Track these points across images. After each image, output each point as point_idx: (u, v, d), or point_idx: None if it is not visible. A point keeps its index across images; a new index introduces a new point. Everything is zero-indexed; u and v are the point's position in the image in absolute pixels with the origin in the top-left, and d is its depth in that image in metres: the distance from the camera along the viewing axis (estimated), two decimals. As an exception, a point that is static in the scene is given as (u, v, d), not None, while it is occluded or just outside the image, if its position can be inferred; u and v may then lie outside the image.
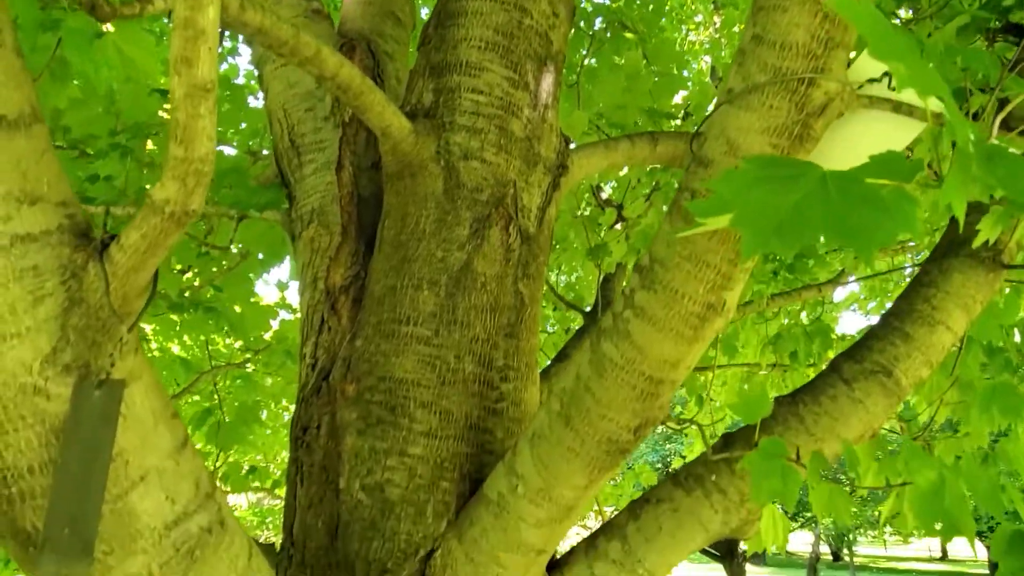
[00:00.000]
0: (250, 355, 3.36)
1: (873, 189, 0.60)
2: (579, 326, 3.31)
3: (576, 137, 2.57)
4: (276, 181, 1.88)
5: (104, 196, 1.90)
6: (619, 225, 2.88)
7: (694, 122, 2.89)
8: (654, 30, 3.26)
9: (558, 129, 1.75)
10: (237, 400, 3.34)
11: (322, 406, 1.46)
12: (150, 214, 0.80)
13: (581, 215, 2.93)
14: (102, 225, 1.13)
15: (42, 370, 0.80)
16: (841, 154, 1.11)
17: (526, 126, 1.63)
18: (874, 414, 1.38)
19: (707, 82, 4.79)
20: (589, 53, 3.07)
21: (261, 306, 3.22)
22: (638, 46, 3.03)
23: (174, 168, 0.78)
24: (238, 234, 1.74)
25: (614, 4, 3.28)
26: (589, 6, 3.31)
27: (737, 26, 4.62)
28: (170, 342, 4.07)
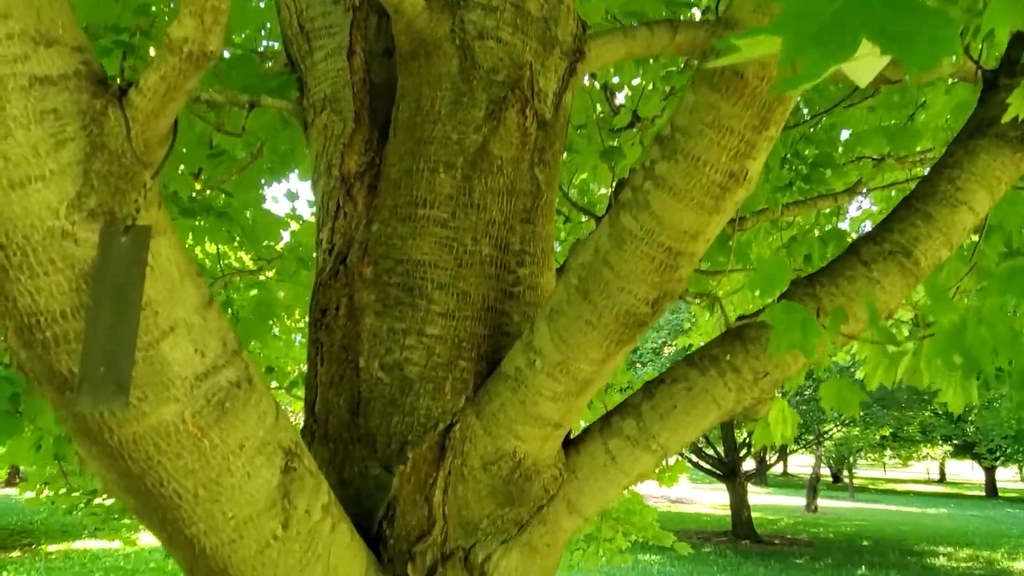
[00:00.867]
0: (264, 263, 3.38)
1: (919, 3, 0.58)
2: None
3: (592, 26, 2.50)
4: (286, 71, 1.84)
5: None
6: (634, 128, 2.83)
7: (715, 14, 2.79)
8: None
9: (575, 12, 1.69)
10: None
11: (340, 288, 1.47)
12: (168, 54, 0.78)
13: (596, 117, 2.87)
14: (119, 73, 1.12)
15: (68, 214, 0.81)
16: None
17: (543, 6, 1.58)
18: (891, 294, 1.39)
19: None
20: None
21: (272, 215, 3.22)
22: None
23: (190, 4, 0.76)
24: (249, 122, 1.71)
25: None
26: None
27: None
28: (183, 253, 4.08)
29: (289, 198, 3.96)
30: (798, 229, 3.14)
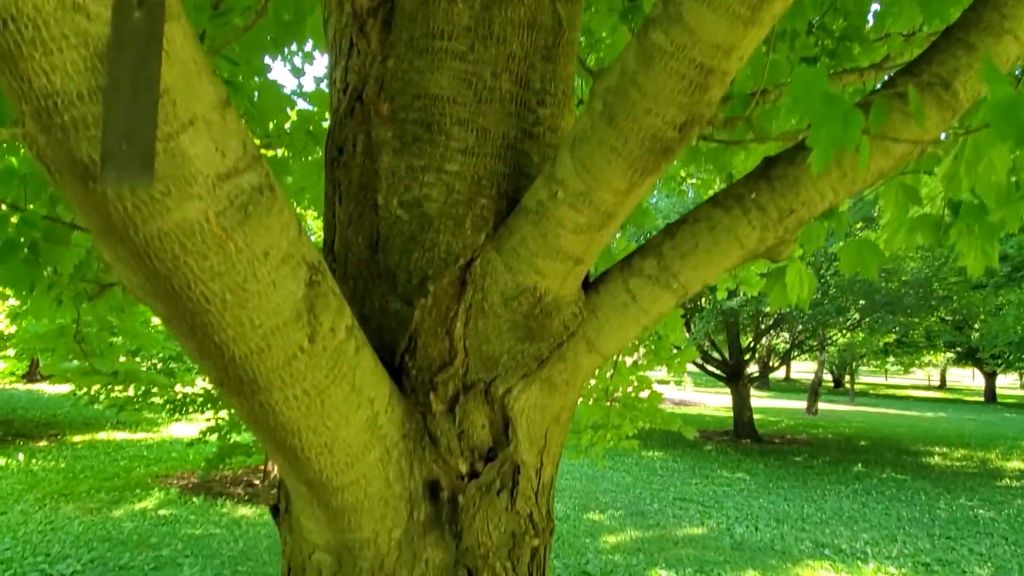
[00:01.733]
0: (271, 139, 3.32)
1: None
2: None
3: None
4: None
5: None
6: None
7: None
8: None
9: None
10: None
11: (356, 126, 1.44)
12: None
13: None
14: None
15: (79, -17, 0.77)
16: None
17: None
18: (927, 128, 1.34)
19: None
20: None
21: (278, 88, 3.13)
22: None
23: None
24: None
25: None
26: None
27: None
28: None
29: (295, 74, 3.82)
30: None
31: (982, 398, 37.85)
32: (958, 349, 32.64)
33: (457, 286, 1.34)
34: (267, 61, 3.17)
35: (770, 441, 17.91)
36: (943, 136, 1.46)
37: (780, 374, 49.18)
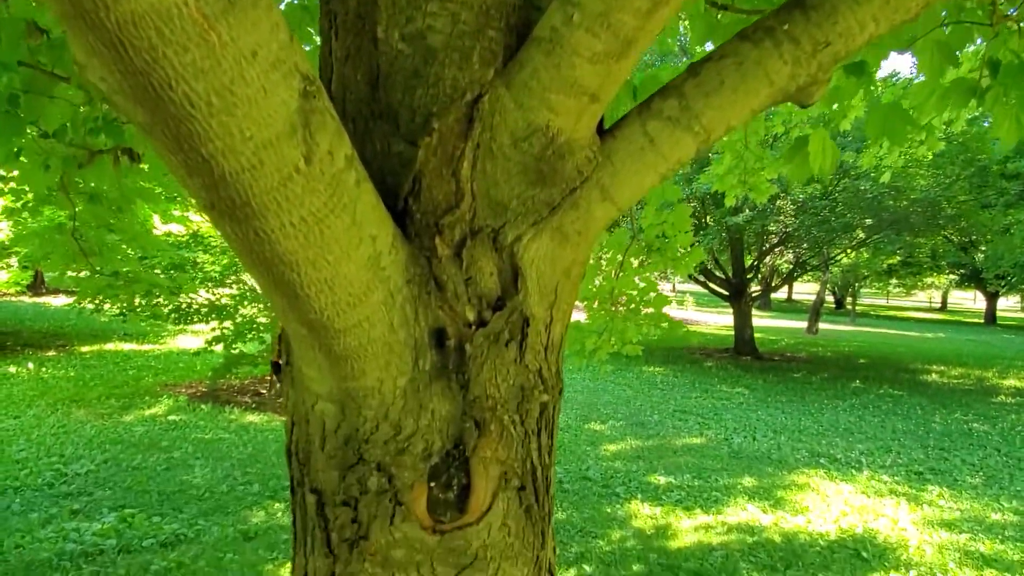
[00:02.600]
0: None
1: None
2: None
3: None
4: None
5: None
6: None
7: None
8: None
9: None
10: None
11: (352, -49, 1.32)
12: None
13: None
14: None
15: None
16: None
17: None
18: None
19: None
20: None
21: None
22: None
23: None
24: None
25: None
26: None
27: None
28: None
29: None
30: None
31: (982, 320, 38.10)
32: (962, 271, 32.62)
33: (464, 124, 1.24)
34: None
35: (770, 359, 18.13)
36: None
37: (782, 295, 49.44)
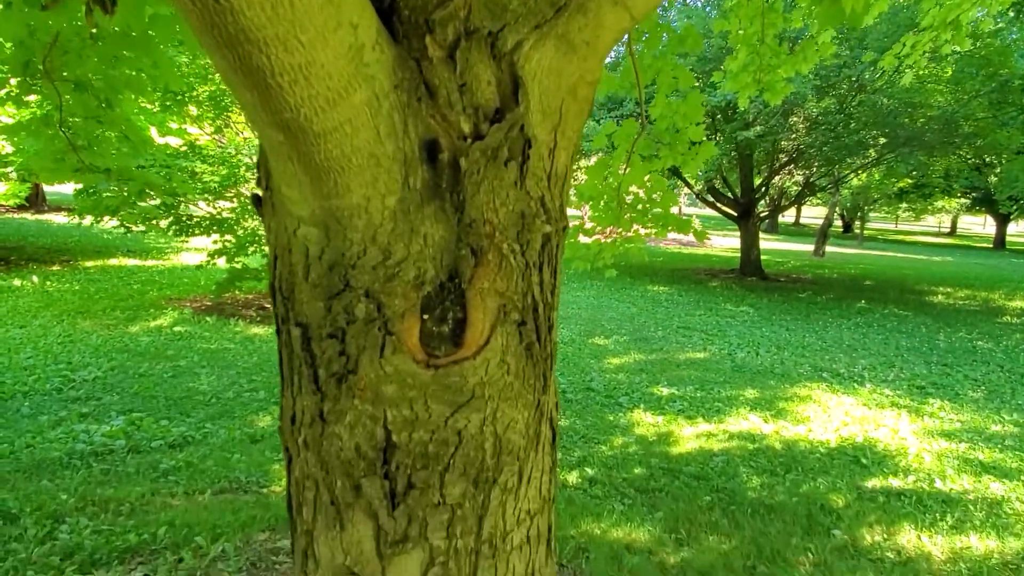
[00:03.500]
0: None
1: None
2: None
3: None
4: None
5: None
6: None
7: None
8: None
9: None
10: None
11: None
12: None
13: None
14: None
15: None
16: None
17: None
18: None
19: None
20: None
21: None
22: None
23: None
24: None
25: None
26: None
27: None
28: None
29: None
30: None
31: (991, 245, 37.83)
32: (974, 194, 32.15)
33: (457, -98, 1.09)
34: None
35: (775, 279, 18.07)
36: None
37: (789, 218, 48.99)
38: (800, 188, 20.73)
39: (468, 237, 1.14)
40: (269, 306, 10.57)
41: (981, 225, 58.80)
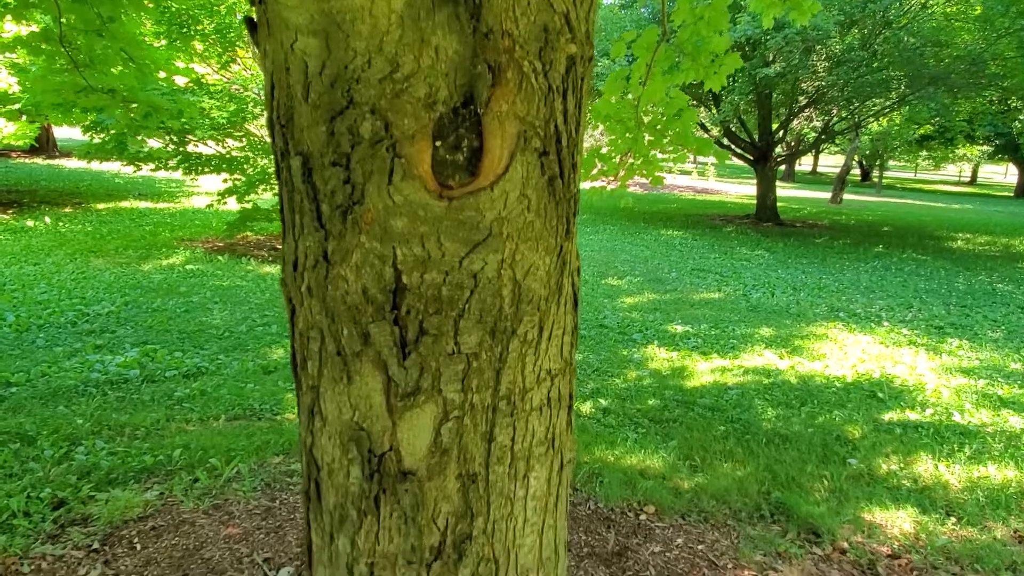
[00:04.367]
0: None
1: None
2: None
3: None
4: None
5: None
6: None
7: None
8: None
9: None
10: None
11: None
12: None
13: None
14: None
15: None
16: None
17: None
18: None
19: None
20: None
21: None
22: None
23: None
24: None
25: None
26: None
27: None
28: None
29: None
30: None
31: (1012, 193, 37.10)
32: (997, 141, 31.37)
33: None
34: None
35: (791, 225, 17.81)
36: None
37: (806, 167, 48.17)
38: (818, 134, 20.25)
39: (484, 52, 1.02)
40: (281, 246, 10.53)
41: (1002, 174, 57.64)
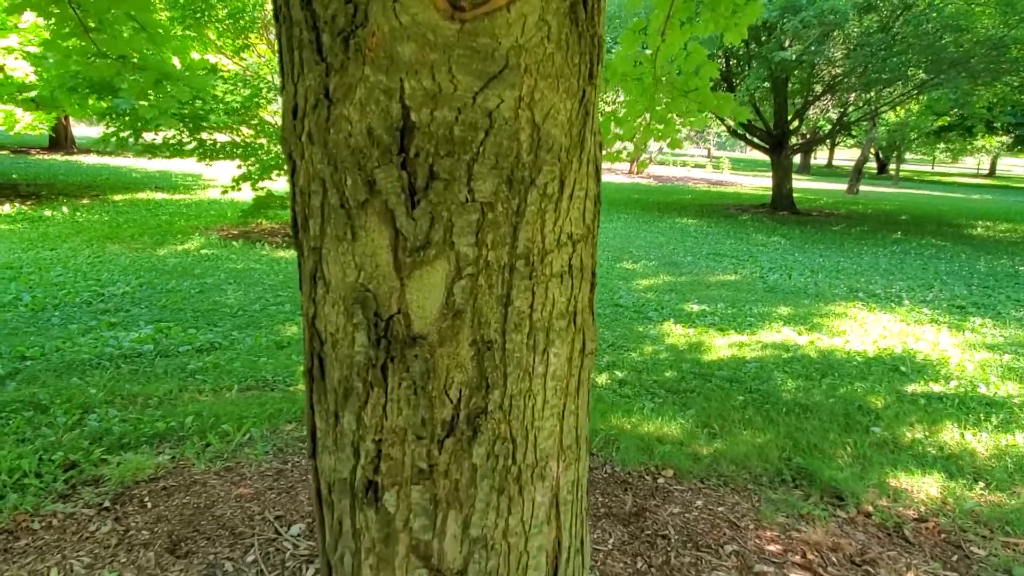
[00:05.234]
0: None
1: None
2: None
3: None
4: None
5: None
6: None
7: None
8: None
9: None
10: None
11: None
12: None
13: None
14: None
15: None
16: None
17: None
18: None
19: None
20: None
21: None
22: None
23: None
24: None
25: None
26: None
27: None
28: None
29: None
30: None
31: (1033, 185, 36.54)
32: (1017, 132, 30.88)
33: None
34: None
35: (807, 214, 17.61)
36: None
37: (822, 160, 47.72)
38: (833, 125, 19.99)
39: None
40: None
41: (1022, 166, 56.83)
